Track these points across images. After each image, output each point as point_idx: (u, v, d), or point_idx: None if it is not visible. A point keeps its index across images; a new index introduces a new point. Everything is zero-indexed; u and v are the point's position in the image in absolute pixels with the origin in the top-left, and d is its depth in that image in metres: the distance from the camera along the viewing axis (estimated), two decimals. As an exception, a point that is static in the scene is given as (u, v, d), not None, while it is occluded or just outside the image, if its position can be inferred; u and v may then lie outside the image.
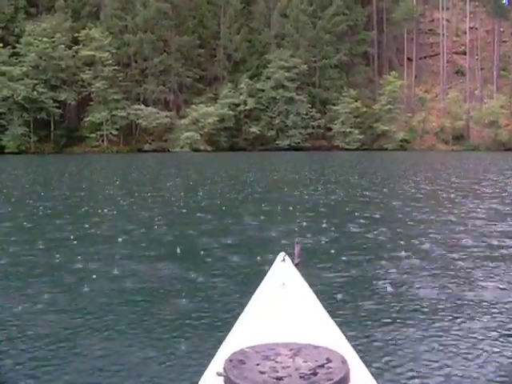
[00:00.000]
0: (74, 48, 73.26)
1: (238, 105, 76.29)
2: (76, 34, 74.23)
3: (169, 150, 71.88)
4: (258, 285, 2.48)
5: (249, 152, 70.54)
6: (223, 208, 12.82)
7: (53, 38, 71.12)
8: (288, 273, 2.49)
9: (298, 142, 76.61)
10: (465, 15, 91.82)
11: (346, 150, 73.94)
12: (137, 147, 73.44)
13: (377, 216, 11.51)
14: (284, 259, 2.59)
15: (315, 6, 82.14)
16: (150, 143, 74.24)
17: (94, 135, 72.14)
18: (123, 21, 78.84)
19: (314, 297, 2.36)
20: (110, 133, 72.51)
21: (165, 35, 79.23)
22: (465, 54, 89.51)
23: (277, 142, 76.77)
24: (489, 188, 17.86)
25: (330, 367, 1.59)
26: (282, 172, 28.23)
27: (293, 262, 2.65)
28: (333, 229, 9.61)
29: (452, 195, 15.62)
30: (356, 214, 11.60)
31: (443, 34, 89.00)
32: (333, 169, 31.98)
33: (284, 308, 2.19)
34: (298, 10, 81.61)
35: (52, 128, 71.97)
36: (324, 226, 9.93)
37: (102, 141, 72.96)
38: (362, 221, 10.64)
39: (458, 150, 73.28)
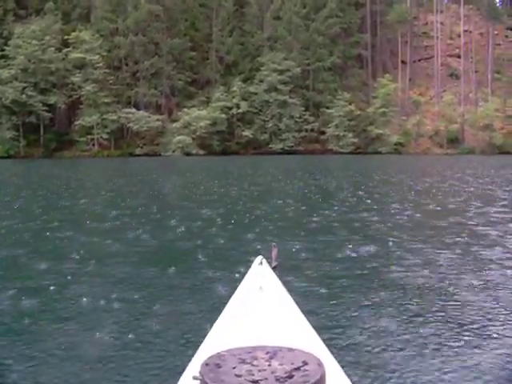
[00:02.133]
0: (63, 51, 72.31)
1: (230, 108, 75.23)
2: (66, 37, 73.17)
3: (160, 154, 70.71)
4: (235, 288, 2.49)
5: (241, 156, 69.52)
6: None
7: (42, 40, 70.11)
8: (265, 276, 2.52)
9: (292, 146, 75.66)
10: (459, 18, 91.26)
11: (340, 153, 72.98)
12: (128, 151, 72.32)
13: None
14: (261, 262, 2.62)
15: (308, 8, 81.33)
16: (142, 147, 73.15)
17: (84, 139, 71.05)
18: (114, 23, 77.69)
19: (291, 300, 2.37)
20: (101, 137, 71.48)
21: (156, 38, 78.14)
22: (459, 56, 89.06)
23: (270, 146, 75.83)
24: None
25: (306, 370, 1.59)
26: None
27: (270, 265, 2.66)
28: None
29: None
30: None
31: (437, 37, 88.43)
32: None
33: (261, 311, 2.23)
34: (291, 12, 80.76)
35: (42, 132, 70.86)
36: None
37: (93, 145, 71.86)
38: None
39: (452, 154, 72.56)
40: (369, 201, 16.13)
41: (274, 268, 2.68)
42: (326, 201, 16.41)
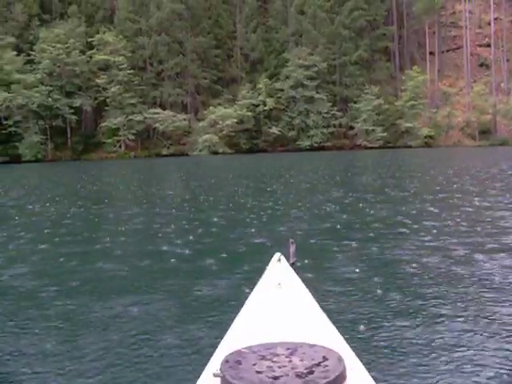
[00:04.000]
0: (88, 53, 72.37)
1: (256, 105, 74.41)
2: (90, 39, 73.48)
3: (187, 154, 70.21)
4: (254, 285, 2.48)
5: (269, 154, 68.64)
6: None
7: (66, 43, 70.20)
8: (284, 273, 2.52)
9: (320, 142, 74.65)
10: (488, 6, 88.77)
11: (369, 148, 71.66)
12: (155, 152, 72.08)
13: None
14: (279, 259, 2.63)
15: (333, 1, 80.00)
16: (168, 147, 72.83)
17: (110, 141, 70.93)
18: (137, 24, 77.52)
19: (310, 296, 2.38)
20: (127, 138, 71.30)
21: (180, 37, 77.68)
22: (489, 45, 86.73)
23: (298, 143, 74.93)
24: None
25: (327, 365, 1.61)
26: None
27: (288, 262, 2.66)
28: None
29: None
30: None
31: (466, 26, 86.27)
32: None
33: (280, 308, 2.24)
34: (315, 6, 79.54)
35: (69, 135, 71.13)
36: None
37: (120, 146, 71.77)
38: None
39: (484, 146, 70.70)
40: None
41: (292, 264, 2.68)
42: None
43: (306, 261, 6.63)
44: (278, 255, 2.67)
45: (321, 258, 7.28)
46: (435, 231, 8.91)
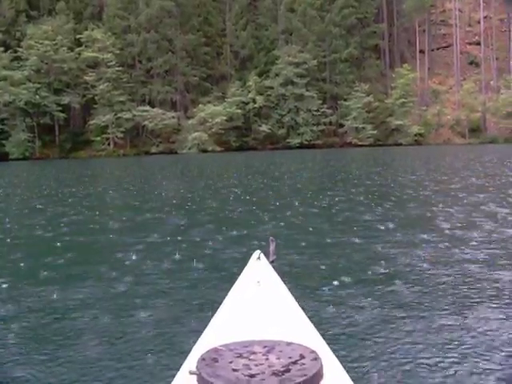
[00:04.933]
0: (76, 50, 71.72)
1: (246, 103, 74.03)
2: (78, 36, 72.76)
3: (176, 152, 69.70)
4: (233, 283, 2.46)
5: (259, 151, 68.31)
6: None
7: (54, 40, 69.54)
8: (263, 270, 2.52)
9: (310, 140, 74.40)
10: (478, 4, 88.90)
11: (359, 146, 71.46)
12: (144, 150, 71.53)
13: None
14: (259, 257, 2.62)
15: (323, -1, 79.73)
16: (158, 145, 72.29)
17: (99, 139, 70.27)
18: (126, 21, 76.87)
19: (289, 294, 2.37)
20: (116, 136, 70.66)
21: (169, 34, 77.11)
22: (478, 44, 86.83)
23: (288, 141, 74.63)
24: None
25: (304, 363, 1.61)
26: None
27: (268, 259, 2.65)
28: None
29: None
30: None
31: (456, 25, 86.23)
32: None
33: (259, 306, 2.23)
34: (306, 4, 79.23)
35: (57, 132, 70.42)
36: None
37: (108, 144, 71.16)
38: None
39: (474, 143, 70.72)
40: None
41: (271, 262, 2.65)
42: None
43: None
44: (257, 253, 2.65)
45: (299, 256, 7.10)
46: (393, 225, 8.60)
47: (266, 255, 2.70)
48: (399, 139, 73.79)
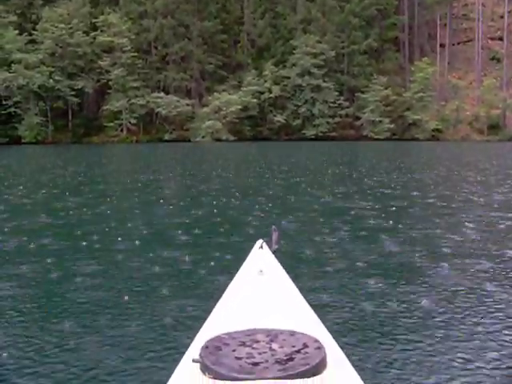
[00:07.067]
0: (91, 34, 71.05)
1: (262, 93, 73.04)
2: (94, 20, 72.14)
3: (190, 140, 68.89)
4: (236, 272, 2.46)
5: (273, 142, 67.29)
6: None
7: (70, 24, 68.97)
8: (266, 260, 2.53)
9: (325, 132, 73.35)
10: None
11: (375, 139, 70.23)
12: (157, 137, 70.88)
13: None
14: (262, 246, 2.64)
15: (343, -12, 78.40)
16: (171, 132, 71.59)
17: (112, 124, 69.76)
18: (143, 6, 76.11)
19: (292, 283, 2.38)
20: (129, 122, 70.04)
21: (186, 20, 76.18)
22: (501, 39, 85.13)
23: (303, 132, 73.71)
24: None
25: (307, 352, 1.62)
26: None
27: (270, 248, 2.67)
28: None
29: None
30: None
31: (478, 19, 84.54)
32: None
33: (261, 294, 2.24)
34: (325, -6, 77.93)
35: (70, 117, 70.09)
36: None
37: (121, 130, 70.67)
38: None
39: (493, 141, 69.28)
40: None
41: (274, 251, 2.65)
42: None
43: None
44: (260, 242, 2.64)
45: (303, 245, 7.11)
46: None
47: (269, 244, 2.67)
48: (416, 134, 72.49)
